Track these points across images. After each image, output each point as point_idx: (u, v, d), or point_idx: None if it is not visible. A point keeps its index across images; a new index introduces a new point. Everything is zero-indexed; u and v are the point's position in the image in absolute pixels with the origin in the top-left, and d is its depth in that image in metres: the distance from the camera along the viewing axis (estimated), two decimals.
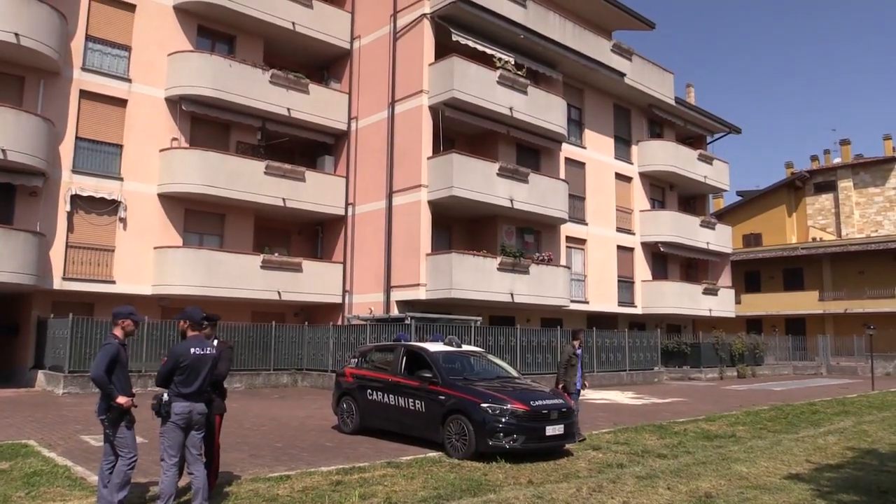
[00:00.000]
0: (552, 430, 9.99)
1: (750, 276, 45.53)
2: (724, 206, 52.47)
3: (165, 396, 6.83)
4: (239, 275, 22.35)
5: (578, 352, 12.03)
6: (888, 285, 40.80)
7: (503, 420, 9.78)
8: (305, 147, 26.54)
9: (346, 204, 25.38)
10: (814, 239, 46.87)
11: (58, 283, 20.27)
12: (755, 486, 8.68)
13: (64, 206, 20.55)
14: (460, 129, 25.01)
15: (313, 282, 24.20)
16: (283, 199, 23.65)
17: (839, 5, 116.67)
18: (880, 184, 47.84)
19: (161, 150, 22.28)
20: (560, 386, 11.74)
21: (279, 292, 23.26)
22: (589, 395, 21.22)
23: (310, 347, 22.81)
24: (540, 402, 10.14)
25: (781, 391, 23.82)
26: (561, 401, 10.44)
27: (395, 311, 22.36)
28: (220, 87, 22.53)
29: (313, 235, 26.77)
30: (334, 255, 25.70)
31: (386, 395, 11.61)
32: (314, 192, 24.53)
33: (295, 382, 22.42)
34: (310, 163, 26.19)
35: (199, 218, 23.19)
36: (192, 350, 6.86)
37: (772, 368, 34.63)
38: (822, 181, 49.96)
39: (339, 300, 24.83)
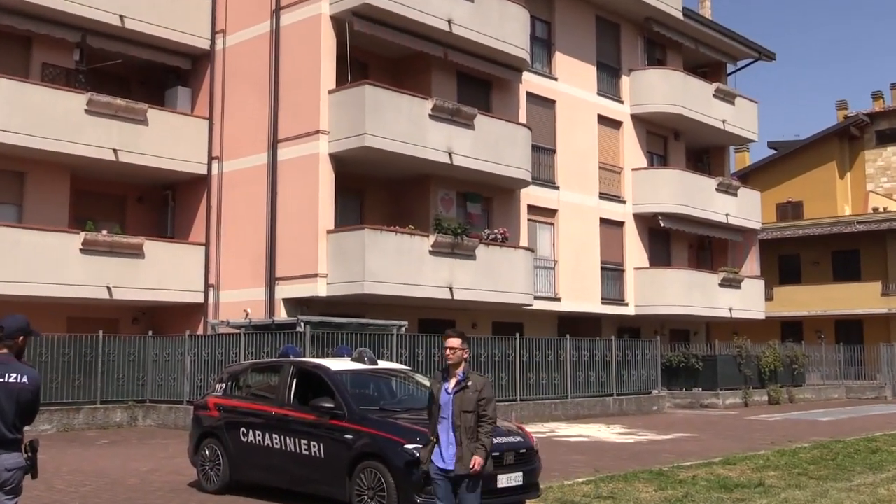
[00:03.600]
0: (507, 479, 10.09)
1: (786, 261, 46.75)
2: (750, 164, 53.73)
3: None
4: (47, 262, 21.90)
5: (446, 389, 8.00)
6: None
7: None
8: (148, 74, 26.11)
9: (210, 158, 25.17)
10: (875, 209, 48.36)
11: None
12: None
13: None
14: (377, 51, 24.93)
15: (161, 272, 23.96)
16: (115, 151, 23.24)
17: None
18: None
19: None
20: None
21: (109, 288, 22.91)
22: (561, 429, 21.53)
23: (156, 369, 22.56)
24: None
25: (829, 422, 24.63)
26: (519, 438, 10.57)
27: (282, 315, 22.30)
28: None
29: (160, 204, 26.45)
30: (192, 233, 25.48)
31: (268, 436, 11.57)
32: (161, 141, 24.21)
33: (134, 420, 22.16)
34: (155, 97, 25.76)
35: None
36: None
37: (816, 391, 35.79)
38: (889, 129, 51.57)
39: (199, 299, 24.70)
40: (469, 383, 7.98)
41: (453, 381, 8.04)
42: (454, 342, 8.09)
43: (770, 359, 33.08)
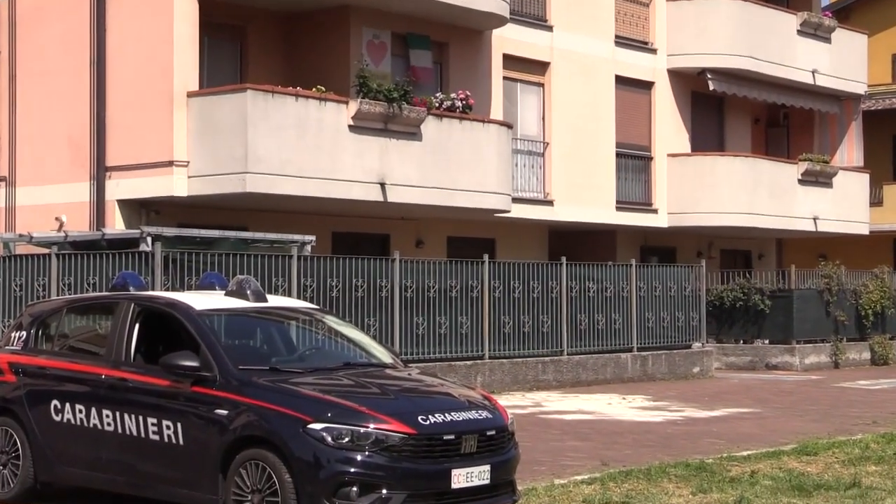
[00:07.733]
0: (466, 476, 10.14)
1: None
2: None
3: None
4: None
5: None
6: None
7: (359, 458, 9.85)
8: None
9: None
10: None
11: None
12: None
13: None
14: None
15: None
16: None
17: None
18: None
19: None
20: None
21: None
22: (552, 402, 21.70)
23: None
24: (439, 418, 10.26)
25: None
26: (486, 413, 10.62)
27: (117, 225, 22.35)
28: None
29: None
30: None
31: (95, 412, 11.49)
32: None
33: None
34: None
35: None
36: None
37: None
38: None
39: None
40: None
41: None
42: None
43: (875, 296, 33.37)
